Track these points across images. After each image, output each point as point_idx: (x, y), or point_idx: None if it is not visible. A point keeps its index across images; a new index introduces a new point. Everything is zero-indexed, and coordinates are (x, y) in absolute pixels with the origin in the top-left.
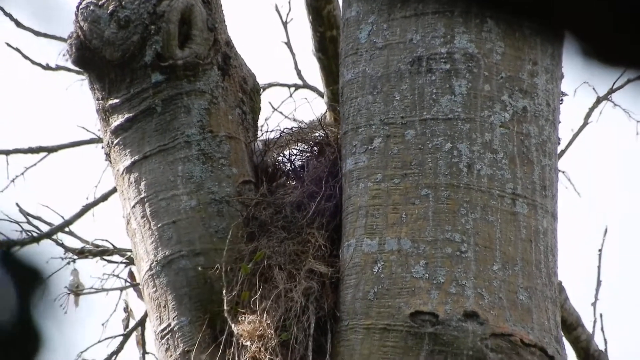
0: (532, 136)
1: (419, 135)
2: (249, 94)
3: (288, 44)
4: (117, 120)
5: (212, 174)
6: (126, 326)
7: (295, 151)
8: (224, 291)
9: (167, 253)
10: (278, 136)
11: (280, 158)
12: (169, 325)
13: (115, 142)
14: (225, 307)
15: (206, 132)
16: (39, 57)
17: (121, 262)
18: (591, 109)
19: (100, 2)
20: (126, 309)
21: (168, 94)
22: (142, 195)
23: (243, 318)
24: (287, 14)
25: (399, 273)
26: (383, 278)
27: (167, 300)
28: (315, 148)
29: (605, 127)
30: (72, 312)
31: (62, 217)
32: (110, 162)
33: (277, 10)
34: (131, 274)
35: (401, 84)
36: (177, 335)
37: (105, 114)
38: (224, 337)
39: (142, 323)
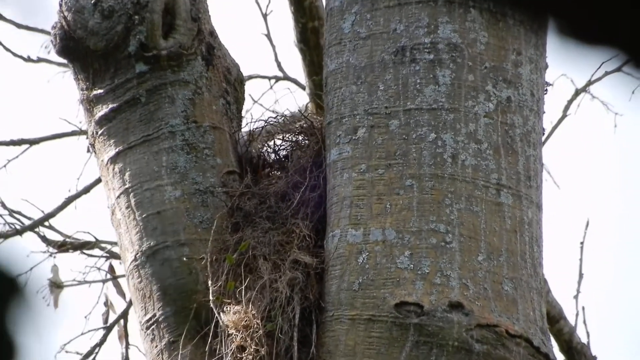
0: (516, 126)
1: (403, 126)
2: (233, 84)
3: (268, 36)
4: (101, 111)
5: (197, 164)
6: (106, 319)
7: (279, 141)
8: (210, 281)
9: (152, 244)
10: (262, 126)
11: (264, 148)
12: (154, 315)
13: (99, 132)
14: (211, 298)
15: (190, 122)
16: (21, 50)
17: (102, 256)
18: (570, 101)
19: None
20: (106, 303)
21: (152, 84)
22: (126, 186)
23: (228, 308)
24: (267, 6)
25: (383, 264)
26: (368, 269)
27: (152, 290)
28: (299, 137)
29: (584, 119)
30: (52, 309)
31: (42, 212)
32: (95, 153)
33: (256, 2)
34: (111, 268)
35: (385, 74)
36: (162, 326)
37: (90, 104)
38: (210, 327)
39: (124, 315)
